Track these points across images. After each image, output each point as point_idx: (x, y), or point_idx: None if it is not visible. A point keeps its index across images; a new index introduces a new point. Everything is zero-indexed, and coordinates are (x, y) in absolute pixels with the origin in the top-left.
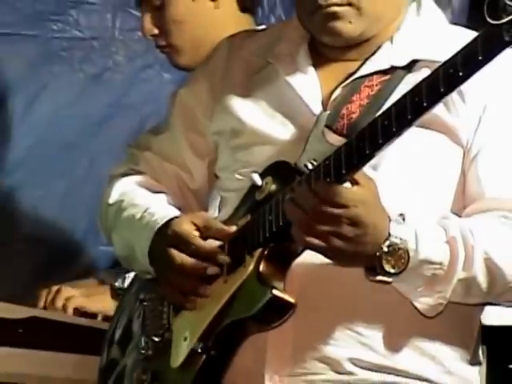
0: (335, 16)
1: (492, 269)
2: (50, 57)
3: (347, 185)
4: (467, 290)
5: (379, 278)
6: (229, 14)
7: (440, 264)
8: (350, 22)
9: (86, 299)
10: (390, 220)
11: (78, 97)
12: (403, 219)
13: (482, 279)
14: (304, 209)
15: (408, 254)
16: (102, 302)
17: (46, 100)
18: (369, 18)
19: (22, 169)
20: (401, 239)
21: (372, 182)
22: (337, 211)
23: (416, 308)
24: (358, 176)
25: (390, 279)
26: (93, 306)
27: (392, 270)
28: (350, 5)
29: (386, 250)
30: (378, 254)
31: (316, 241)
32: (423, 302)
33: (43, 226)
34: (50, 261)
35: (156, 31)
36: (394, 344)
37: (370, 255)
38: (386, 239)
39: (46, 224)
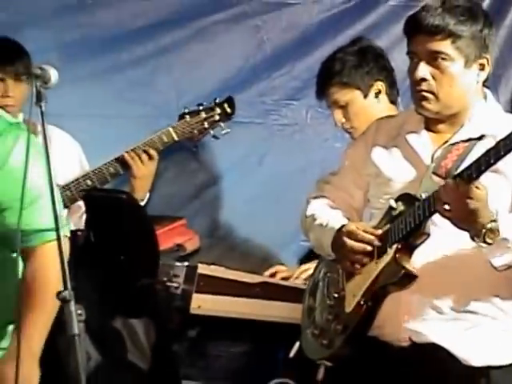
0: (422, 97)
1: None
2: None
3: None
4: None
5: (480, 244)
6: (385, 106)
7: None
8: (431, 103)
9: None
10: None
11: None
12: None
13: None
14: (451, 197)
15: (498, 233)
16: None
17: None
18: (442, 103)
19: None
20: (496, 223)
21: (485, 189)
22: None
23: (493, 266)
24: (479, 184)
25: (485, 245)
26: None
27: (489, 241)
28: (432, 93)
29: (488, 227)
30: (483, 229)
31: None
32: (499, 262)
33: (263, 226)
34: (268, 252)
35: (343, 120)
36: (474, 298)
37: (477, 229)
38: (490, 221)
39: (263, 225)
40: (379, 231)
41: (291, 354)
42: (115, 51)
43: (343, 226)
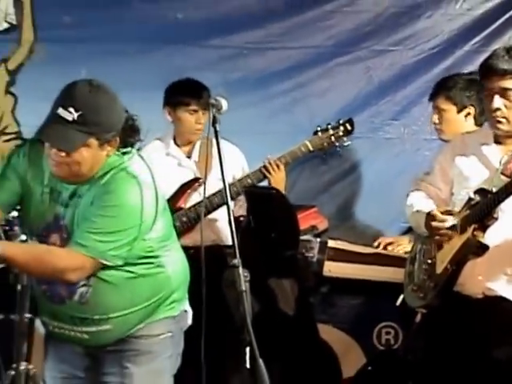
0: (498, 121)
1: None
2: None
3: None
4: None
5: None
6: (470, 125)
7: None
8: (504, 125)
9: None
10: None
11: None
12: None
13: None
14: None
15: None
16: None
17: None
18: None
19: None
20: None
21: None
22: None
23: None
24: None
25: None
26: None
27: None
28: (504, 118)
29: None
30: None
31: None
32: None
33: (373, 212)
34: (377, 230)
35: (437, 121)
36: None
37: None
38: None
39: (374, 211)
40: (455, 210)
41: (397, 303)
42: (265, 87)
43: (430, 211)
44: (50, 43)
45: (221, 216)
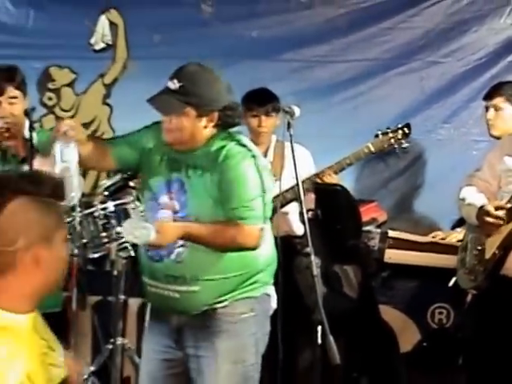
0: None
1: None
2: None
3: None
4: None
5: None
6: None
7: None
8: None
9: None
10: None
11: None
12: None
13: None
14: None
15: None
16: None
17: None
18: None
19: None
20: None
21: None
22: None
23: None
24: None
25: None
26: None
27: None
28: None
29: None
30: None
31: None
32: None
33: (428, 205)
34: (432, 222)
35: (491, 117)
36: None
37: None
38: None
39: (429, 204)
40: (507, 206)
41: (450, 284)
42: (329, 95)
43: (483, 205)
44: (140, 60)
45: (291, 210)
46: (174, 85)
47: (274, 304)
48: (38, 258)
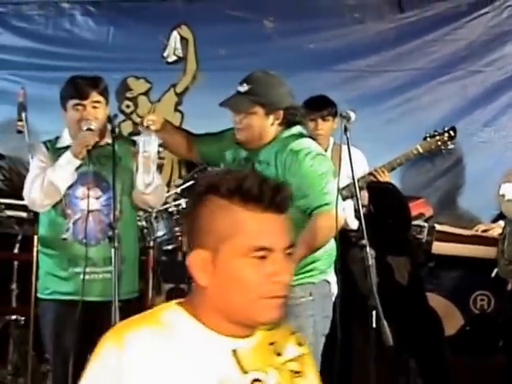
0: None
1: None
2: None
3: None
4: None
5: None
6: None
7: None
8: None
9: None
10: None
11: None
12: None
13: None
14: None
15: None
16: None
17: None
18: None
19: None
20: None
21: None
22: None
23: None
24: None
25: None
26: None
27: None
28: None
29: None
30: None
31: None
32: None
33: (470, 201)
34: (473, 216)
35: None
36: None
37: None
38: None
39: (470, 200)
40: None
41: (492, 275)
42: (380, 102)
43: None
44: (208, 71)
45: (346, 206)
46: (243, 88)
47: (334, 290)
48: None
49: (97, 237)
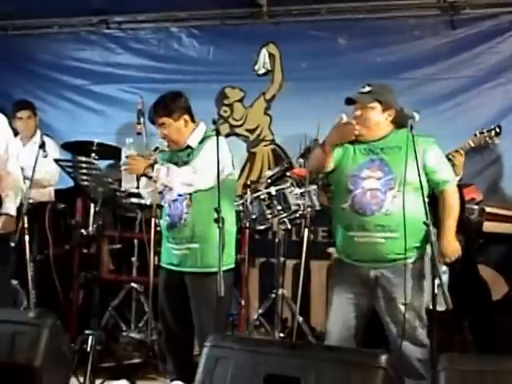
0: None
1: None
2: None
3: None
4: None
5: None
6: None
7: None
8: None
9: None
10: None
11: None
12: None
13: None
14: None
15: None
16: None
17: None
18: None
19: None
20: None
21: None
22: None
23: None
24: None
25: None
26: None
27: None
28: None
29: None
30: None
31: None
32: None
33: None
34: None
35: None
36: None
37: None
38: None
39: None
40: None
41: None
42: (435, 105)
43: None
44: (292, 81)
45: None
46: (365, 88)
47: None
48: None
49: None
